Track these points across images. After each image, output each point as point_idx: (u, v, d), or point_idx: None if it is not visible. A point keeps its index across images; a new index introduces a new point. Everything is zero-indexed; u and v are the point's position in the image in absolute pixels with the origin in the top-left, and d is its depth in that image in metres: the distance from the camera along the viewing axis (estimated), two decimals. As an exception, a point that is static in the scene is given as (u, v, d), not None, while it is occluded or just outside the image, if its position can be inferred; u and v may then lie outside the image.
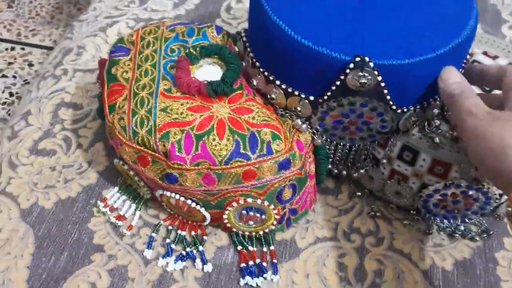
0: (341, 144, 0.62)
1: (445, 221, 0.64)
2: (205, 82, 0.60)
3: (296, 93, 0.57)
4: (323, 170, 0.65)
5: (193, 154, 0.55)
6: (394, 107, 0.55)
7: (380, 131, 0.59)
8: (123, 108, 0.60)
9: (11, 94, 1.42)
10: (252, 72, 0.62)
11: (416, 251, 0.63)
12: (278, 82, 0.58)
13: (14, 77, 1.46)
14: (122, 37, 0.70)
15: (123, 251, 0.63)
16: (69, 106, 0.79)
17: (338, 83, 0.53)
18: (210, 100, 0.60)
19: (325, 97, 0.55)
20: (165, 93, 0.60)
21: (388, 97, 0.54)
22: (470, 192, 0.59)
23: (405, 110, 0.57)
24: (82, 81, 0.82)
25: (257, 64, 0.60)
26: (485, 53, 0.80)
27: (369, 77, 0.51)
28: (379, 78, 0.52)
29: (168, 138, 0.56)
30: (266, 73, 0.59)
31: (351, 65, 0.51)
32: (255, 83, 0.62)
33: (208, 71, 0.63)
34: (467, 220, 0.64)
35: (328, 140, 0.62)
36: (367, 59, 0.50)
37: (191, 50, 0.65)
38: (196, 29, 0.68)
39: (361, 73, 0.51)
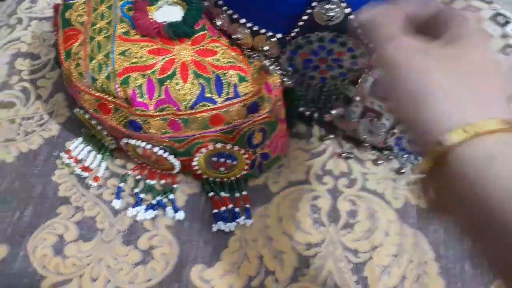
0: (312, 84, 0.61)
1: (418, 158, 0.64)
2: (165, 23, 0.57)
3: (263, 31, 0.55)
4: (294, 113, 0.63)
5: (156, 99, 0.53)
6: (365, 41, 0.53)
7: (351, 69, 0.57)
8: (79, 54, 0.56)
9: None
10: (215, 11, 0.59)
11: (389, 190, 0.62)
12: (243, 21, 0.56)
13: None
14: (77, -21, 0.65)
15: (90, 202, 0.61)
16: (26, 56, 0.75)
17: (305, 18, 0.51)
18: (171, 42, 0.57)
19: (293, 34, 0.53)
20: (123, 36, 0.57)
21: (359, 31, 0.52)
22: None
23: None
24: (38, 29, 0.78)
25: (220, 2, 0.57)
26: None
27: (337, 10, 0.49)
28: (347, 10, 0.50)
29: (128, 83, 0.53)
30: (230, 12, 0.57)
31: None
32: (219, 23, 0.59)
33: (168, 12, 0.59)
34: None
35: (299, 81, 0.60)
36: (333, -10, 0.48)
37: (150, -10, 0.61)
38: (154, -32, 0.64)
39: (328, 6, 0.49)
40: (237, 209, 0.60)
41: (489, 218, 0.29)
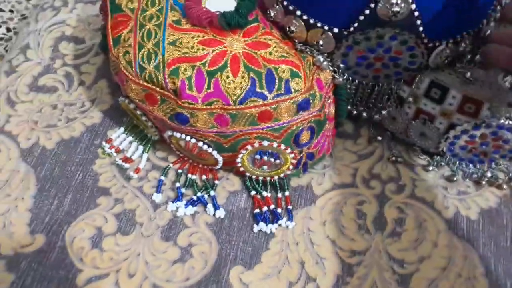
0: (364, 83, 0.58)
1: (471, 166, 0.61)
2: (218, 13, 0.55)
3: (319, 24, 0.53)
4: (343, 112, 0.60)
5: (205, 92, 0.51)
6: (426, 40, 0.51)
7: (408, 68, 0.54)
8: (128, 41, 0.55)
9: (8, 30, 1.36)
10: (269, 2, 0.57)
11: (439, 199, 0.59)
12: (298, 13, 0.53)
13: (11, 11, 1.40)
14: (126, -37, 0.63)
15: (131, 194, 0.59)
16: (70, 40, 0.74)
17: (367, 12, 0.48)
18: (223, 33, 0.55)
19: (351, 29, 0.51)
20: (174, 24, 0.55)
21: (421, 29, 0.49)
22: (501, 133, 0.55)
23: (437, 44, 0.52)
24: (84, 13, 0.77)
25: (276, -8, 0.55)
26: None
27: (402, 5, 0.47)
28: (413, 6, 0.47)
29: (177, 74, 0.51)
30: (285, 3, 0.54)
31: None
32: (272, 14, 0.56)
33: (221, 1, 0.57)
34: (494, 166, 0.61)
35: (350, 78, 0.57)
36: (400, -16, 0.46)
37: (202, -22, 0.59)
38: (207, -45, 0.62)
39: (393, 0, 0.46)
40: (279, 210, 0.58)
41: None
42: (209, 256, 0.55)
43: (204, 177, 0.60)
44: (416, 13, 0.48)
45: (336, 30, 0.52)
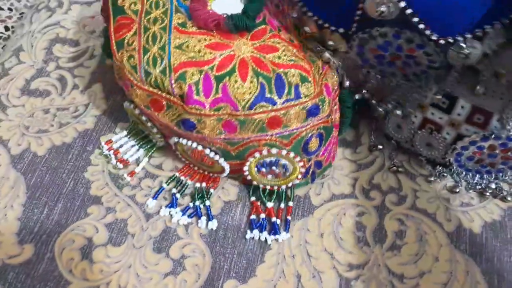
0: (394, 82, 0.57)
1: (476, 176, 0.59)
2: (225, 15, 0.53)
3: (326, 25, 0.52)
4: (347, 120, 0.59)
5: (213, 97, 0.50)
6: (433, 37, 0.47)
7: (431, 66, 0.52)
8: (132, 45, 0.53)
9: (6, 28, 1.34)
10: (289, 2, 0.57)
11: (442, 211, 0.58)
12: (310, 14, 0.53)
13: (10, 9, 1.38)
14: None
15: (123, 203, 0.58)
16: (65, 42, 0.72)
17: (359, 12, 0.48)
18: (230, 36, 0.53)
19: (354, 29, 0.50)
20: (180, 27, 0.53)
21: (422, 26, 0.46)
22: (511, 145, 0.53)
23: (451, 40, 0.47)
24: (79, 14, 0.75)
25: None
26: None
27: (390, 5, 0.45)
28: (402, 4, 0.45)
29: (184, 79, 0.50)
30: (300, 4, 0.54)
31: None
32: (294, 15, 0.56)
33: (228, 3, 0.55)
34: (499, 177, 0.59)
35: (379, 78, 0.57)
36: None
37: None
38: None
39: (378, 0, 0.45)
40: (278, 222, 0.56)
41: None
42: (202, 269, 0.54)
43: (199, 184, 0.59)
44: (408, 11, 0.45)
45: (341, 30, 0.52)
